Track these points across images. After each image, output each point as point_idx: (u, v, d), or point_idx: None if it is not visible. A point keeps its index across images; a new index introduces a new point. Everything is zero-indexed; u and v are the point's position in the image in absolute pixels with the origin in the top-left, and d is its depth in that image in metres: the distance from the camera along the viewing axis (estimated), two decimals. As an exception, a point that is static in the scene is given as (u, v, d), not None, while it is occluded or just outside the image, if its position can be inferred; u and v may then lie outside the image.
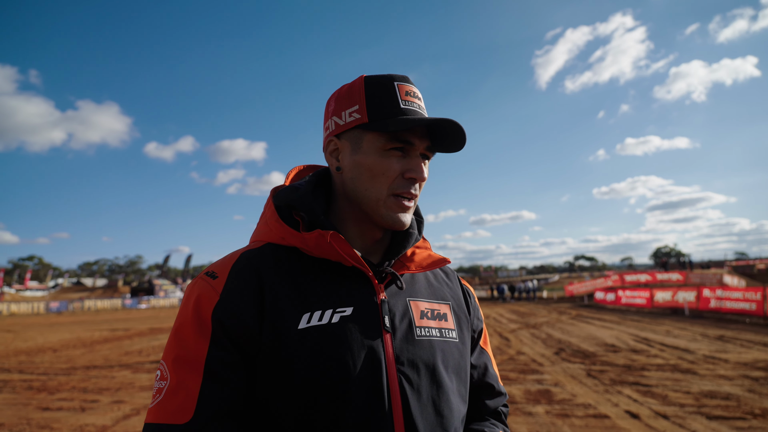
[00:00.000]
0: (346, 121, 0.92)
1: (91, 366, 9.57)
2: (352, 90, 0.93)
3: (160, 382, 0.82)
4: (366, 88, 0.91)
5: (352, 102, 0.92)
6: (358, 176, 0.91)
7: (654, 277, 35.50)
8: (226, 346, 0.81)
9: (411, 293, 0.97)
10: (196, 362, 0.79)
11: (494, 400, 1.06)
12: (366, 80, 0.92)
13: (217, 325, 0.81)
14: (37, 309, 36.28)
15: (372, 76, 0.93)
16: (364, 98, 0.91)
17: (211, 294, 0.84)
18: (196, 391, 0.78)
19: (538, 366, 8.52)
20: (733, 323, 15.19)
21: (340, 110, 0.94)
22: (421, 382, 0.86)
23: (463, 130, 0.89)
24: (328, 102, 0.98)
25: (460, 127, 0.88)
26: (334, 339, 0.82)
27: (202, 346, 0.80)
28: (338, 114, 0.94)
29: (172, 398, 0.78)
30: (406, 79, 0.93)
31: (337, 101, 0.95)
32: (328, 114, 0.97)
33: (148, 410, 0.81)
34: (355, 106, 0.91)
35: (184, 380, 0.79)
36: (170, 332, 0.86)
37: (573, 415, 5.38)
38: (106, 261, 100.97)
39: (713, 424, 4.93)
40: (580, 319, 18.59)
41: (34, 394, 7.01)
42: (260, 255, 0.90)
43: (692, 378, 7.17)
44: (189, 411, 0.77)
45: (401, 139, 0.89)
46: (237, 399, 0.80)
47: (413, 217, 1.05)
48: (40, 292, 58.87)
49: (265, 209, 0.99)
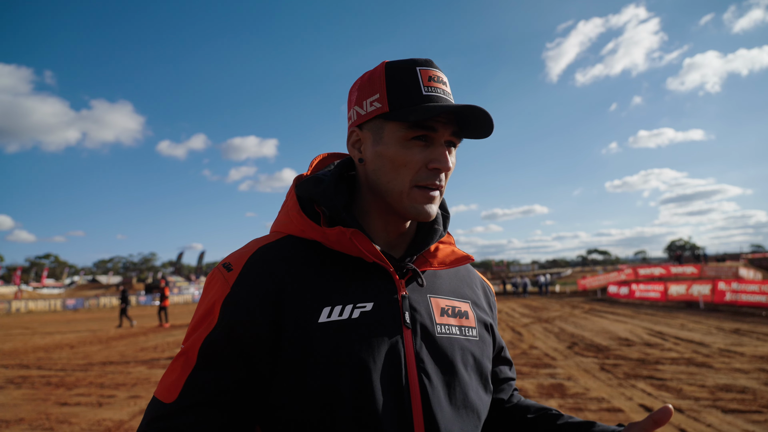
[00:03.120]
0: (367, 111, 0.89)
1: (107, 362, 9.72)
2: (373, 78, 0.90)
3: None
4: (387, 75, 0.87)
5: (373, 90, 0.89)
6: (380, 168, 0.88)
7: (668, 270, 35.06)
8: (226, 337, 0.80)
9: (432, 290, 0.94)
10: (193, 349, 0.81)
11: (512, 370, 1.14)
12: (387, 66, 0.89)
13: (222, 317, 0.81)
14: (54, 306, 36.77)
15: (393, 62, 0.89)
16: (385, 86, 0.87)
17: (224, 286, 0.84)
18: (185, 375, 0.79)
19: (551, 360, 8.49)
20: (749, 316, 15.02)
21: (362, 99, 0.91)
22: (440, 379, 0.85)
23: (489, 115, 0.85)
24: (351, 91, 0.95)
25: (485, 112, 0.84)
26: (354, 334, 0.81)
27: (202, 334, 0.81)
28: (360, 104, 0.91)
29: (168, 377, 0.81)
30: (429, 63, 0.89)
31: (359, 90, 0.92)
32: (351, 104, 0.94)
33: None
34: (376, 94, 0.88)
35: (181, 363, 0.81)
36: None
37: (586, 408, 5.36)
38: (121, 258, 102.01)
39: (728, 417, 4.89)
40: (594, 313, 18.48)
41: (53, 390, 7.14)
42: (278, 248, 0.89)
43: (707, 371, 7.11)
44: (175, 392, 0.78)
45: (423, 128, 0.85)
46: (226, 389, 0.79)
47: (439, 211, 1.02)
48: (57, 290, 59.73)
49: (287, 199, 0.97)
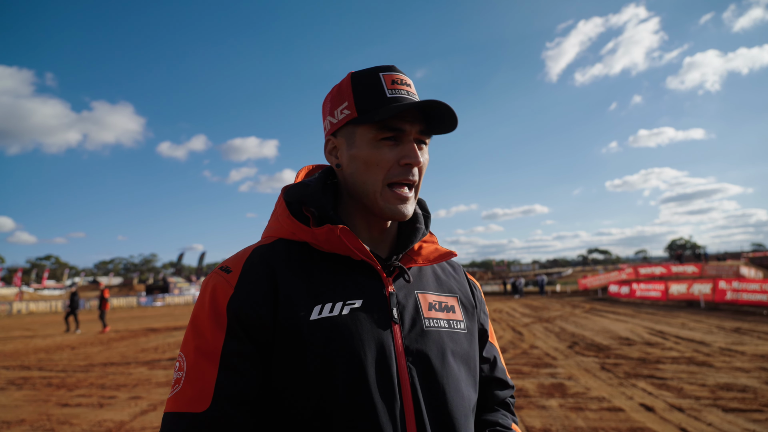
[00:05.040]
0: (339, 119, 0.95)
1: (108, 363, 9.73)
2: (341, 88, 0.96)
3: (178, 372, 0.86)
4: (353, 84, 0.94)
5: (341, 100, 0.95)
6: (355, 170, 0.94)
7: (669, 269, 35.09)
8: (241, 337, 0.84)
9: (419, 286, 0.99)
10: (213, 353, 0.83)
11: (503, 392, 1.09)
12: (353, 76, 0.95)
13: (232, 317, 0.84)
14: (54, 307, 36.86)
15: (358, 72, 0.95)
16: (352, 94, 0.93)
17: (226, 287, 0.87)
18: (212, 380, 0.81)
19: (552, 360, 8.49)
20: (750, 315, 15.00)
21: (333, 109, 0.97)
22: (430, 372, 0.88)
23: (452, 108, 0.90)
24: (324, 103, 1.02)
25: (447, 106, 0.89)
26: (345, 330, 0.84)
27: (218, 338, 0.83)
28: (332, 113, 0.97)
29: (190, 387, 0.82)
30: (392, 68, 0.95)
31: (331, 102, 0.98)
32: (325, 115, 1.01)
33: (167, 400, 0.84)
34: (344, 102, 0.94)
35: (202, 370, 0.82)
36: (187, 325, 0.89)
37: (587, 408, 5.35)
38: (122, 259, 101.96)
39: (729, 416, 4.89)
40: (594, 313, 18.47)
41: (54, 391, 7.14)
42: (272, 250, 0.93)
43: (708, 370, 7.10)
44: (206, 400, 0.80)
45: (391, 127, 0.90)
46: (251, 389, 0.82)
47: (420, 212, 1.07)
48: (58, 291, 59.68)
49: (276, 206, 1.02)
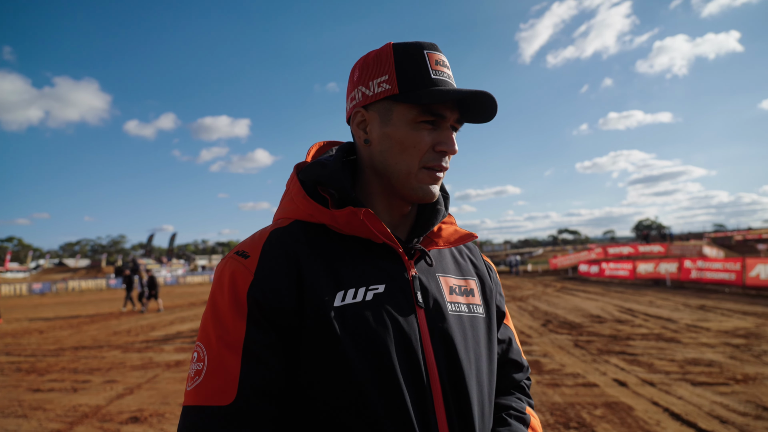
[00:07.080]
0: (375, 92, 0.88)
1: (79, 346, 9.50)
2: (380, 58, 0.88)
3: (197, 364, 0.80)
4: (395, 57, 0.87)
5: (380, 71, 0.87)
6: (387, 149, 0.88)
7: (636, 249, 36.19)
8: (263, 326, 0.79)
9: (440, 269, 0.95)
10: (235, 343, 0.77)
11: (519, 374, 1.06)
12: (395, 48, 0.88)
13: (253, 305, 0.79)
14: (19, 291, 35.63)
15: (401, 44, 0.88)
16: (394, 68, 0.86)
17: (245, 273, 0.81)
18: (236, 372, 0.76)
19: (527, 338, 8.68)
20: (713, 293, 15.62)
21: (367, 80, 0.89)
22: (454, 357, 0.86)
23: (496, 101, 0.86)
24: (353, 70, 0.94)
25: (493, 98, 0.86)
26: (369, 316, 0.81)
27: (240, 327, 0.78)
28: (365, 84, 0.89)
29: (212, 380, 0.76)
30: (435, 47, 0.89)
31: (363, 70, 0.90)
32: (354, 83, 0.92)
33: (186, 393, 0.79)
34: (384, 75, 0.87)
35: (224, 361, 0.77)
36: (204, 313, 0.83)
37: (563, 384, 5.51)
38: (89, 241, 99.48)
39: (698, 390, 5.10)
40: (566, 292, 18.95)
41: (24, 376, 6.95)
42: (289, 232, 0.88)
43: (676, 346, 7.38)
44: (231, 392, 0.75)
45: (433, 111, 0.85)
46: (276, 380, 0.78)
47: (439, 192, 1.03)
48: (21, 274, 57.86)
49: (289, 186, 0.96)
